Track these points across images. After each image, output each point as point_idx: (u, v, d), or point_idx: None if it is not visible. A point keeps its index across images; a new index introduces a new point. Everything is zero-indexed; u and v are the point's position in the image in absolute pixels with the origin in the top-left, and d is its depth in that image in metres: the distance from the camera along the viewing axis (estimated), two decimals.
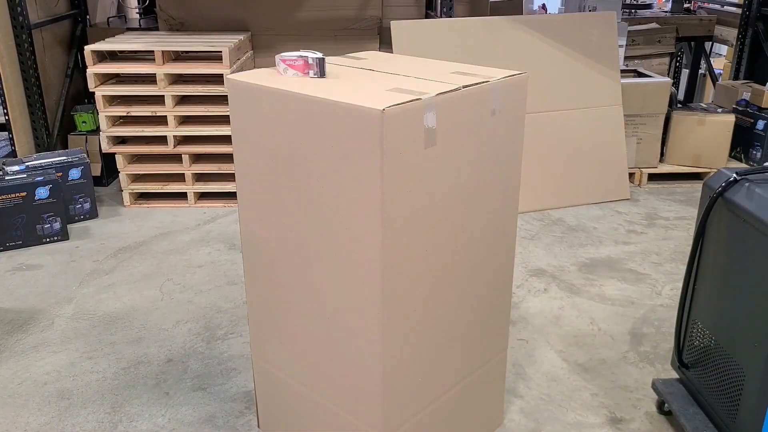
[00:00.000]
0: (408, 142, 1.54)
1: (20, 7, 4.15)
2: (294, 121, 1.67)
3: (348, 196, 1.60)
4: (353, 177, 1.57)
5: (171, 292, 3.20)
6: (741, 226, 1.89)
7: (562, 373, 2.58)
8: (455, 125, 1.67)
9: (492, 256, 1.97)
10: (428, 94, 1.57)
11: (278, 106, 1.69)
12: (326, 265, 1.73)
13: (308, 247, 1.76)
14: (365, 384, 1.74)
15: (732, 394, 1.95)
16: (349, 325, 1.72)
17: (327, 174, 1.63)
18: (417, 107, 1.54)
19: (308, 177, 1.68)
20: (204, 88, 4.01)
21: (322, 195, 1.67)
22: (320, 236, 1.71)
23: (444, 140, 1.65)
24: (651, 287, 3.23)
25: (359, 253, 1.62)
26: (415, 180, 1.60)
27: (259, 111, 1.76)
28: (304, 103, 1.63)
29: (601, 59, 4.15)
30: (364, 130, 1.50)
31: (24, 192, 3.59)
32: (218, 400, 2.43)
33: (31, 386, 2.52)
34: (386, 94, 1.58)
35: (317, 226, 1.71)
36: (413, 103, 1.53)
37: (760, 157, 4.58)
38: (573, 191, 4.18)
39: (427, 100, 1.56)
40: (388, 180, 1.52)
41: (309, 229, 1.74)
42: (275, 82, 1.73)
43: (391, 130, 1.48)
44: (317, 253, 1.74)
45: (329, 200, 1.65)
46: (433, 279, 1.76)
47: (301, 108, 1.64)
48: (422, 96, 1.55)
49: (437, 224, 1.72)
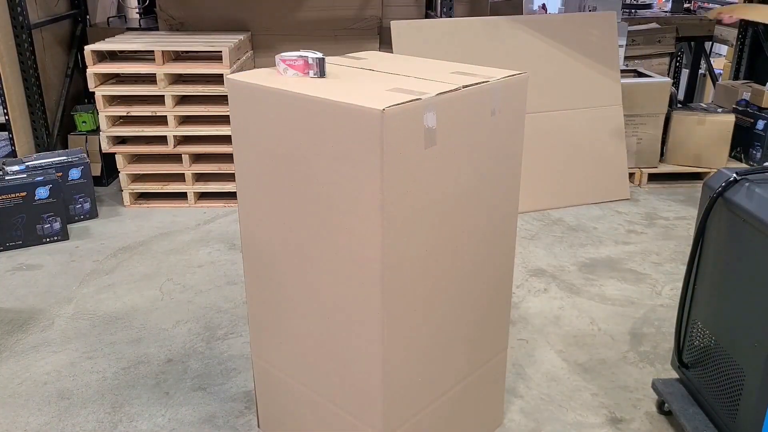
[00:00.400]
0: (408, 142, 1.54)
1: (20, 7, 4.15)
2: (294, 121, 1.66)
3: (348, 195, 1.60)
4: (353, 177, 1.57)
5: (171, 292, 3.20)
6: (741, 226, 1.89)
7: (562, 373, 2.58)
8: (455, 125, 1.67)
9: (492, 255, 1.97)
10: (428, 94, 1.57)
11: (278, 106, 1.69)
12: (326, 265, 1.73)
13: (308, 247, 1.76)
14: (365, 384, 1.74)
15: (732, 394, 1.95)
16: (349, 324, 1.72)
17: (327, 174, 1.63)
18: (417, 107, 1.54)
19: (308, 177, 1.68)
20: (204, 88, 4.01)
21: (322, 195, 1.67)
22: (320, 236, 1.71)
23: (444, 140, 1.65)
24: (651, 287, 3.23)
25: (359, 253, 1.62)
26: (415, 180, 1.60)
27: (259, 111, 1.75)
28: (303, 102, 1.63)
29: (601, 59, 4.15)
30: (364, 130, 1.50)
31: (24, 192, 3.59)
32: (218, 400, 2.43)
33: (31, 386, 2.52)
34: (386, 94, 1.58)
35: (317, 226, 1.71)
36: (413, 103, 1.53)
37: (760, 157, 4.58)
38: (573, 191, 4.18)
39: (427, 100, 1.56)
40: (388, 180, 1.52)
41: (309, 228, 1.74)
42: (275, 82, 1.73)
43: (391, 130, 1.48)
44: (317, 252, 1.74)
45: (329, 200, 1.65)
46: (433, 279, 1.76)
47: (301, 108, 1.64)
48: (422, 96, 1.55)
49: (437, 224, 1.72)
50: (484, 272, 1.95)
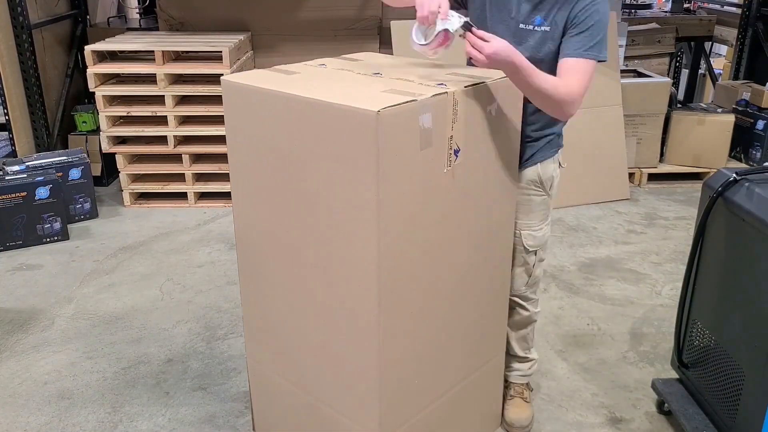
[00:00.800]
0: (403, 143, 1.53)
1: (20, 7, 4.15)
2: (289, 123, 1.66)
3: (343, 197, 1.59)
4: (349, 178, 1.56)
5: (171, 292, 3.20)
6: (741, 226, 1.89)
7: (562, 373, 2.58)
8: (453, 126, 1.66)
9: (490, 256, 1.96)
10: (424, 96, 1.56)
11: (272, 108, 1.69)
12: (321, 267, 1.72)
13: (303, 249, 1.75)
14: (361, 386, 1.73)
15: (732, 394, 1.95)
16: (345, 327, 1.71)
17: (322, 175, 1.62)
18: (412, 108, 1.53)
19: (302, 178, 1.68)
20: (204, 88, 4.01)
21: (316, 197, 1.66)
22: (315, 238, 1.70)
23: (441, 141, 1.64)
24: (651, 287, 3.23)
25: (355, 254, 1.61)
26: (411, 181, 1.59)
27: (254, 112, 1.75)
28: (298, 104, 1.62)
29: None
30: (359, 131, 1.49)
31: (24, 192, 3.59)
32: (218, 400, 2.43)
33: (31, 386, 2.52)
34: (382, 95, 1.57)
35: (312, 228, 1.70)
36: (408, 104, 1.52)
37: (759, 157, 4.58)
38: (573, 191, 4.18)
39: (423, 101, 1.55)
40: (383, 181, 1.51)
41: (304, 230, 1.73)
42: (270, 84, 1.72)
43: (386, 132, 1.47)
44: (312, 254, 1.73)
45: (324, 202, 1.64)
46: (429, 280, 1.75)
47: (296, 109, 1.63)
48: (418, 97, 1.54)
49: (434, 225, 1.71)
50: (481, 273, 1.95)
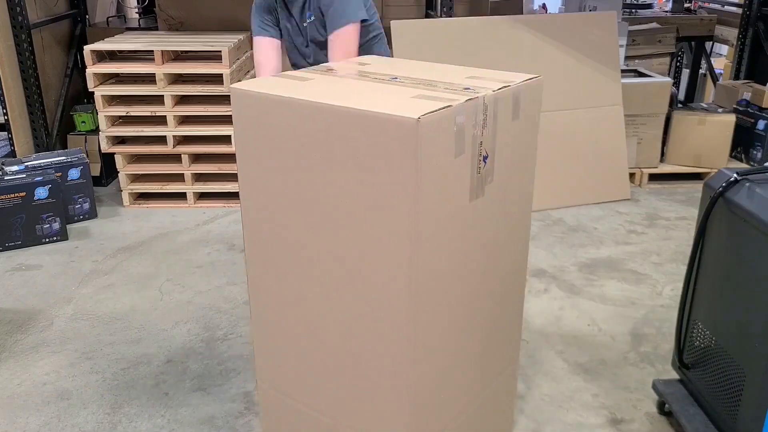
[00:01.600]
0: (440, 151, 1.46)
1: (19, 6, 4.14)
2: (312, 132, 1.55)
3: (374, 208, 1.49)
4: (381, 188, 1.47)
5: (170, 292, 3.19)
6: (741, 227, 1.89)
7: (563, 374, 2.58)
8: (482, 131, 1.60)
9: (508, 262, 1.89)
10: (458, 101, 1.49)
11: (293, 117, 1.57)
12: (348, 281, 1.62)
13: (327, 263, 1.65)
14: (390, 405, 1.64)
15: (732, 395, 1.95)
16: (374, 344, 1.62)
17: (349, 186, 1.53)
18: (449, 114, 1.45)
19: (327, 190, 1.58)
20: (203, 88, 4.00)
21: (343, 209, 1.56)
22: (341, 252, 1.61)
23: (471, 147, 1.57)
24: (651, 287, 3.22)
25: (386, 267, 1.52)
26: (444, 190, 1.51)
27: (271, 122, 1.62)
28: (324, 112, 1.51)
29: (601, 59, 4.15)
30: (396, 140, 1.40)
31: (23, 192, 3.59)
32: (218, 401, 2.43)
33: (30, 386, 2.51)
34: (414, 101, 1.49)
35: (338, 242, 1.61)
36: (445, 110, 1.44)
37: (760, 157, 4.57)
38: (573, 191, 4.18)
39: (458, 107, 1.48)
40: (421, 190, 1.43)
41: (328, 245, 1.63)
42: (287, 91, 1.60)
43: (427, 140, 1.40)
44: (338, 268, 1.64)
45: (352, 214, 1.55)
46: (458, 291, 1.67)
47: (322, 118, 1.52)
48: (453, 102, 1.47)
49: (463, 234, 1.63)
50: (501, 281, 1.87)
